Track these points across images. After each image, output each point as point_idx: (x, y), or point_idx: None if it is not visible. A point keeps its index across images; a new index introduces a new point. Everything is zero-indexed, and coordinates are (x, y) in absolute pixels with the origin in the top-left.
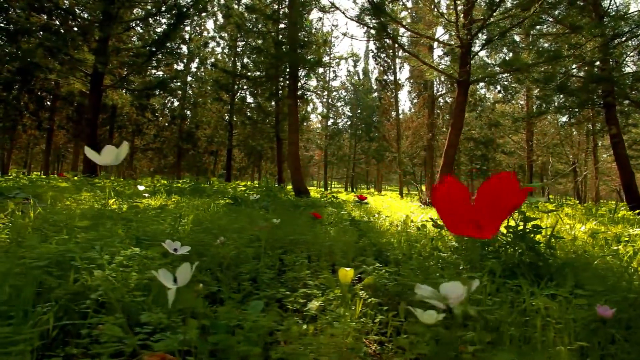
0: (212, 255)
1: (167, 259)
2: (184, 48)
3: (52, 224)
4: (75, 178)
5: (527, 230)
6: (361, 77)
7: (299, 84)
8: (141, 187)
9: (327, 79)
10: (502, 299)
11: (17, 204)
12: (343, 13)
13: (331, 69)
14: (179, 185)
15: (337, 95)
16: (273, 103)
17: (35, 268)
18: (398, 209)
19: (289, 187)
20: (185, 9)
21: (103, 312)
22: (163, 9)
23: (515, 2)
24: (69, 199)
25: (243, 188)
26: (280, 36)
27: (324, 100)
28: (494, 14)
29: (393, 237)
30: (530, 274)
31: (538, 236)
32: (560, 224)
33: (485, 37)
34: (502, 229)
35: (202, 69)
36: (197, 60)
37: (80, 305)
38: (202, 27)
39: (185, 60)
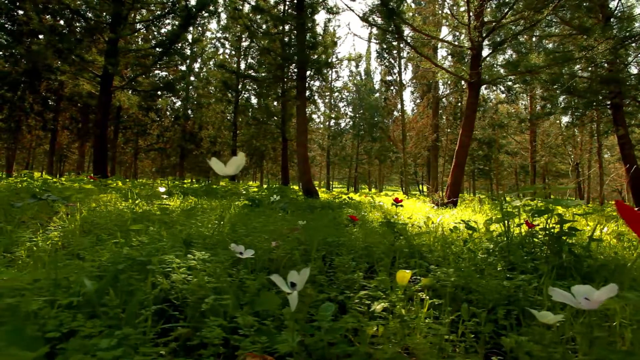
0: (262, 258)
1: (226, 262)
2: (187, 49)
3: (103, 227)
4: (86, 179)
5: (564, 232)
6: (363, 77)
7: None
8: (162, 189)
9: (330, 79)
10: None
11: (66, 207)
12: (358, 15)
13: (333, 70)
14: (190, 185)
15: (340, 96)
16: (275, 103)
17: (116, 272)
18: (413, 210)
19: (295, 187)
20: (194, 10)
21: (190, 315)
22: (171, 10)
23: (521, 4)
24: (97, 200)
25: (255, 189)
26: (287, 38)
27: (327, 100)
28: (506, 16)
29: (427, 239)
30: (577, 275)
31: (574, 238)
32: (580, 225)
33: (495, 39)
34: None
35: (205, 70)
36: (199, 60)
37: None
38: (205, 28)
39: (188, 61)
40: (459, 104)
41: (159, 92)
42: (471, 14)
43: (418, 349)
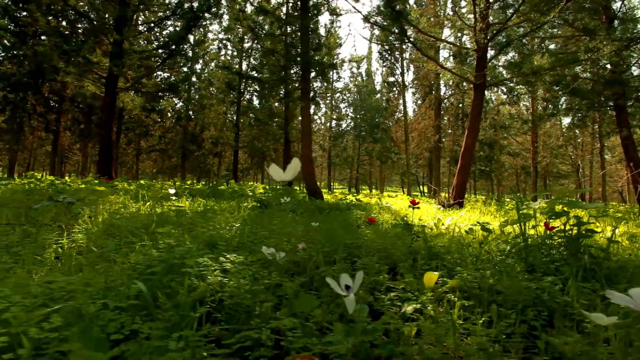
0: (286, 259)
1: (255, 265)
2: (190, 50)
3: (124, 229)
4: (96, 181)
5: (582, 234)
6: (364, 78)
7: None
8: (172, 191)
9: (331, 80)
10: (593, 302)
11: (90, 210)
12: (363, 16)
13: (334, 71)
14: (193, 186)
15: (341, 97)
16: (277, 104)
17: (161, 274)
18: (420, 212)
19: (296, 188)
20: (199, 12)
21: (231, 316)
22: (174, 12)
23: (527, 6)
24: (111, 202)
25: (261, 191)
26: (290, 39)
27: (328, 101)
28: (512, 18)
29: (442, 241)
30: (601, 277)
31: (591, 240)
32: (592, 226)
33: (499, 40)
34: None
35: (207, 71)
36: (201, 61)
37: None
38: (207, 29)
39: (190, 62)
40: (461, 105)
41: (162, 94)
42: (477, 15)
43: (464, 350)
